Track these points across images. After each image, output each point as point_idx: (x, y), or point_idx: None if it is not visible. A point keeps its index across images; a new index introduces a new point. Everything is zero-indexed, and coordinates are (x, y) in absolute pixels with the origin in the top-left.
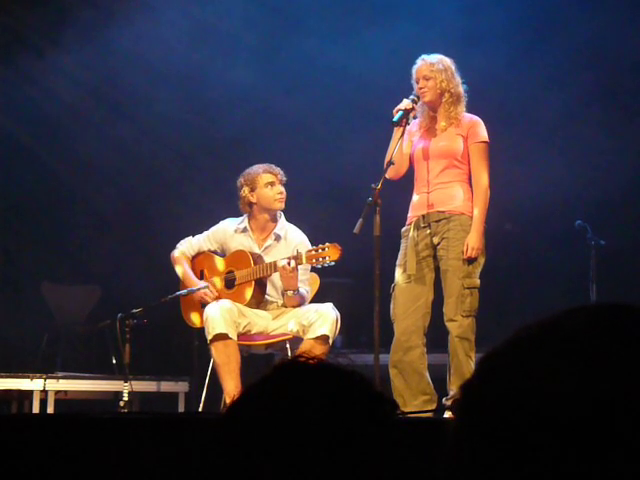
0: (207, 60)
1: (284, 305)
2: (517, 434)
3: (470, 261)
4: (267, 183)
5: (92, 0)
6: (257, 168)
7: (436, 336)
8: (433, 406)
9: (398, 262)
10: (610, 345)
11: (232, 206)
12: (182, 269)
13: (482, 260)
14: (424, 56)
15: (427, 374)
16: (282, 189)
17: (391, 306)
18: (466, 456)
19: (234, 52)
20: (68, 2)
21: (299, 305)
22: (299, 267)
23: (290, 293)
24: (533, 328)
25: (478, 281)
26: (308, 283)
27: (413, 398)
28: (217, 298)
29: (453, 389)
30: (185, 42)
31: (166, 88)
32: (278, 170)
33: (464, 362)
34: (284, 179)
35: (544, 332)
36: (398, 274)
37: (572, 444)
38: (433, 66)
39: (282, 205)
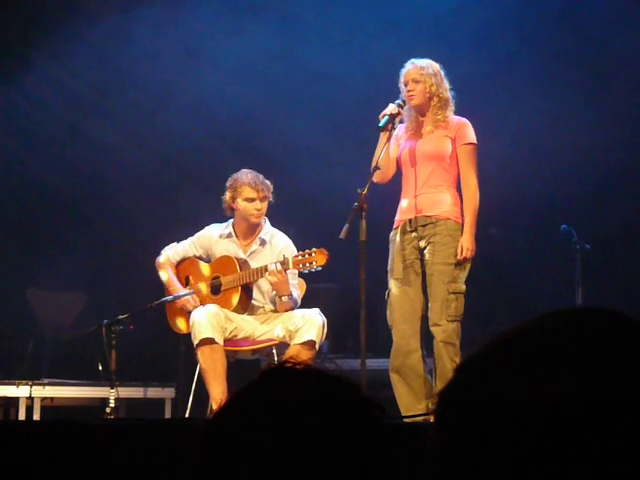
0: (197, 68)
1: (276, 310)
2: (493, 439)
3: (456, 266)
4: (247, 198)
5: (83, 10)
6: (244, 177)
7: (427, 341)
8: None
9: (389, 268)
10: (586, 349)
11: (217, 212)
12: (167, 275)
13: (468, 266)
14: (413, 60)
15: (429, 377)
16: (260, 206)
17: (387, 312)
18: (444, 461)
19: (222, 61)
20: (58, 10)
21: (292, 309)
22: (287, 271)
23: (285, 299)
24: (509, 333)
25: (464, 286)
26: (298, 287)
27: (418, 402)
28: (202, 304)
29: None
30: (175, 51)
31: (155, 96)
32: (262, 186)
33: (449, 367)
34: (267, 194)
35: (519, 337)
36: (390, 280)
37: (547, 448)
38: (423, 70)
39: (258, 221)
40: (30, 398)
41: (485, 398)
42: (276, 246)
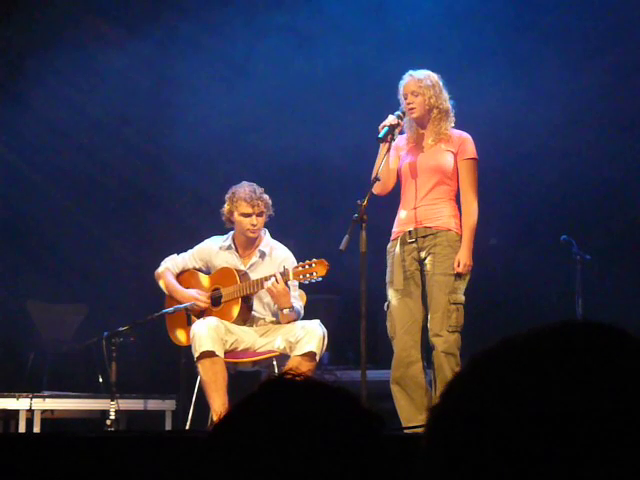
0: (189, 76)
1: (277, 321)
2: (481, 450)
3: (456, 277)
4: (243, 213)
5: (81, 24)
6: (241, 192)
7: (426, 352)
8: None
9: (387, 279)
10: (571, 360)
11: (218, 224)
12: (165, 281)
13: (467, 277)
14: (411, 72)
15: (430, 388)
16: (256, 221)
17: (387, 324)
18: (436, 471)
19: (213, 67)
20: (59, 25)
21: (295, 320)
22: (288, 283)
23: (286, 311)
24: (494, 345)
25: (463, 297)
26: (299, 298)
27: (418, 413)
28: (202, 316)
29: None
30: (168, 61)
31: (149, 105)
32: (257, 202)
33: (450, 377)
34: (263, 209)
35: (504, 349)
36: (389, 292)
37: (531, 464)
38: (421, 82)
39: (254, 235)
40: (30, 410)
41: (472, 410)
42: (276, 258)
